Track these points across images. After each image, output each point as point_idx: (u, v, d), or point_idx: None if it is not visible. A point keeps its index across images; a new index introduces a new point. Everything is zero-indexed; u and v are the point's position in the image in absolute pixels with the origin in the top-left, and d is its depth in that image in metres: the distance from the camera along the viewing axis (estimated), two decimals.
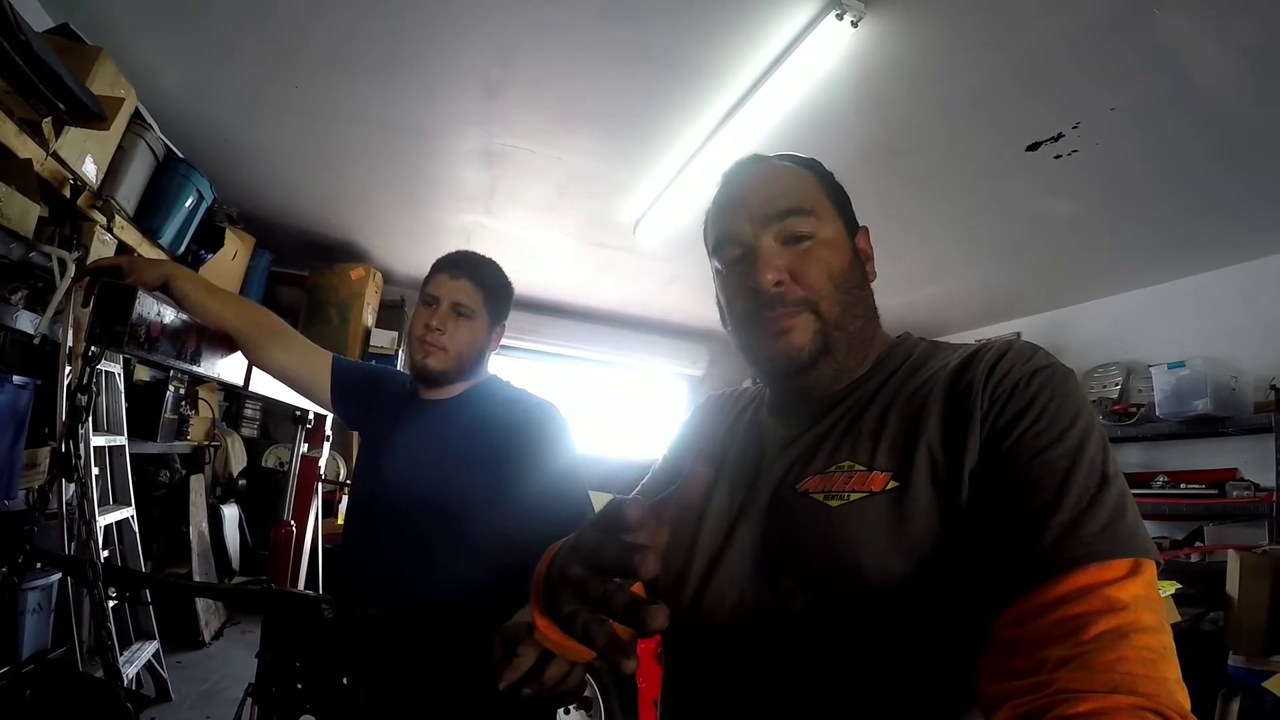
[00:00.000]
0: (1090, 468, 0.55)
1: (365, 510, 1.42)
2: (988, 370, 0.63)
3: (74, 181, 1.94)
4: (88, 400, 1.22)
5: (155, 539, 3.46)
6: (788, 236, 0.73)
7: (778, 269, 0.71)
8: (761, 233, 0.73)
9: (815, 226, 0.73)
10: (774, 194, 0.75)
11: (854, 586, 0.60)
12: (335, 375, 1.52)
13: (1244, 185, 2.65)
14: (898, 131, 2.51)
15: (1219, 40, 1.89)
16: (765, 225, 0.73)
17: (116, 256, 1.87)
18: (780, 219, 0.73)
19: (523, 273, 4.52)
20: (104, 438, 2.67)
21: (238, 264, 3.55)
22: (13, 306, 1.54)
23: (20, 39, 1.42)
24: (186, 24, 2.27)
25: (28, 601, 2.23)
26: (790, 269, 0.72)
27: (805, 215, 0.73)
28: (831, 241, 0.74)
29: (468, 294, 1.41)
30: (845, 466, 0.66)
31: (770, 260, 0.71)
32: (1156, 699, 0.44)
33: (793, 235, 0.73)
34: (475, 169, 3.15)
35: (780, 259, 0.72)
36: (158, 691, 2.86)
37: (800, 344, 0.71)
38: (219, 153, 3.11)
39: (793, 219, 0.73)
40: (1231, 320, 3.37)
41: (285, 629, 1.30)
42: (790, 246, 0.73)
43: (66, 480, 1.25)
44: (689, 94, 2.40)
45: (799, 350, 0.71)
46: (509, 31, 2.15)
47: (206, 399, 3.92)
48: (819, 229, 0.73)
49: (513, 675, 0.63)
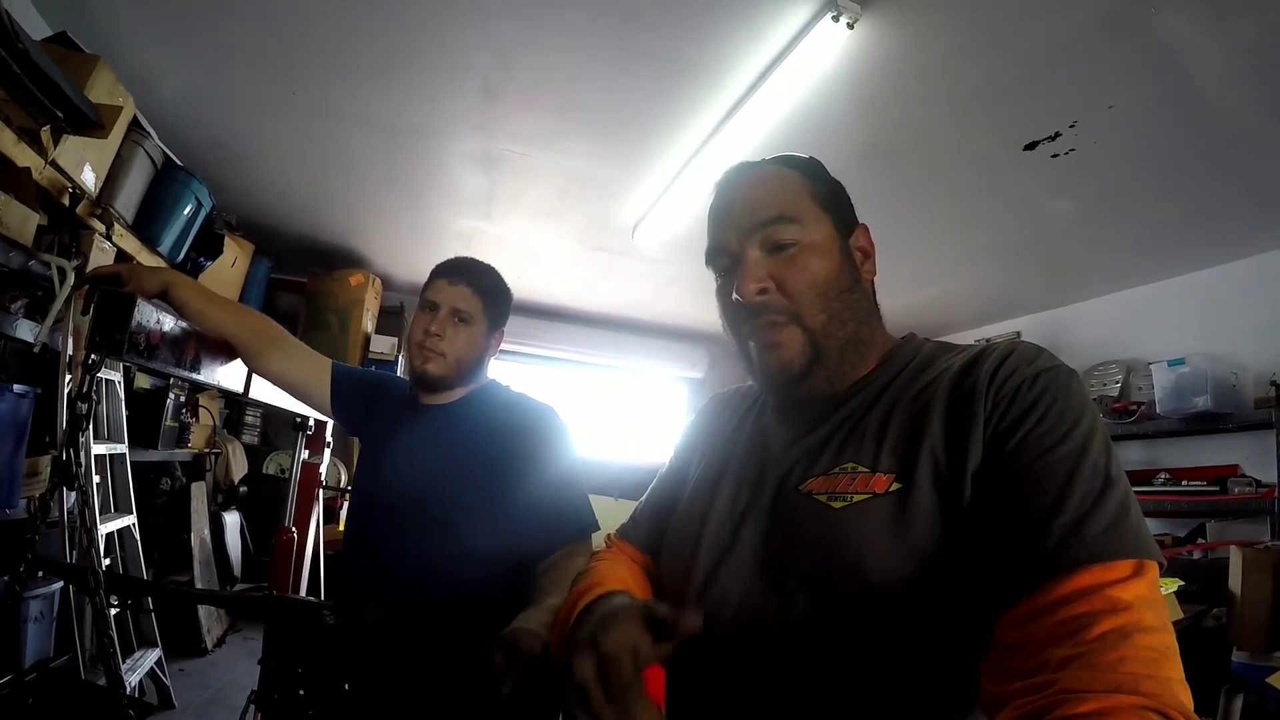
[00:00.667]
0: (1093, 469, 0.55)
1: (365, 515, 1.42)
2: (991, 372, 0.63)
3: (73, 190, 1.93)
4: (88, 408, 1.22)
5: (156, 547, 3.45)
6: (771, 245, 0.73)
7: (759, 279, 0.72)
8: (746, 242, 0.74)
9: (799, 233, 0.73)
10: (757, 202, 0.75)
11: (856, 587, 0.60)
12: (335, 381, 1.53)
13: (1242, 183, 2.65)
14: (895, 132, 2.51)
15: (1217, 39, 1.89)
16: (749, 235, 0.74)
17: (116, 264, 1.87)
18: (762, 227, 0.74)
19: (522, 277, 4.53)
20: (105, 446, 2.67)
21: (237, 271, 3.55)
22: (12, 315, 1.54)
23: (18, 47, 1.42)
24: (184, 32, 2.28)
25: (30, 610, 2.23)
26: (774, 277, 0.72)
27: (788, 222, 0.73)
28: (817, 246, 0.74)
29: (466, 299, 1.41)
30: (848, 468, 0.66)
31: (752, 271, 0.72)
32: (1159, 699, 0.44)
33: (776, 243, 0.73)
34: (474, 173, 3.15)
35: (762, 268, 0.72)
36: (160, 699, 2.86)
37: (790, 358, 0.72)
38: (217, 159, 3.11)
39: (775, 227, 0.73)
40: (1231, 317, 3.37)
41: (287, 635, 1.29)
42: (774, 255, 0.73)
43: (67, 488, 1.25)
44: (687, 97, 2.40)
45: (789, 364, 0.72)
46: (507, 35, 2.15)
47: (207, 406, 3.92)
48: (803, 235, 0.74)
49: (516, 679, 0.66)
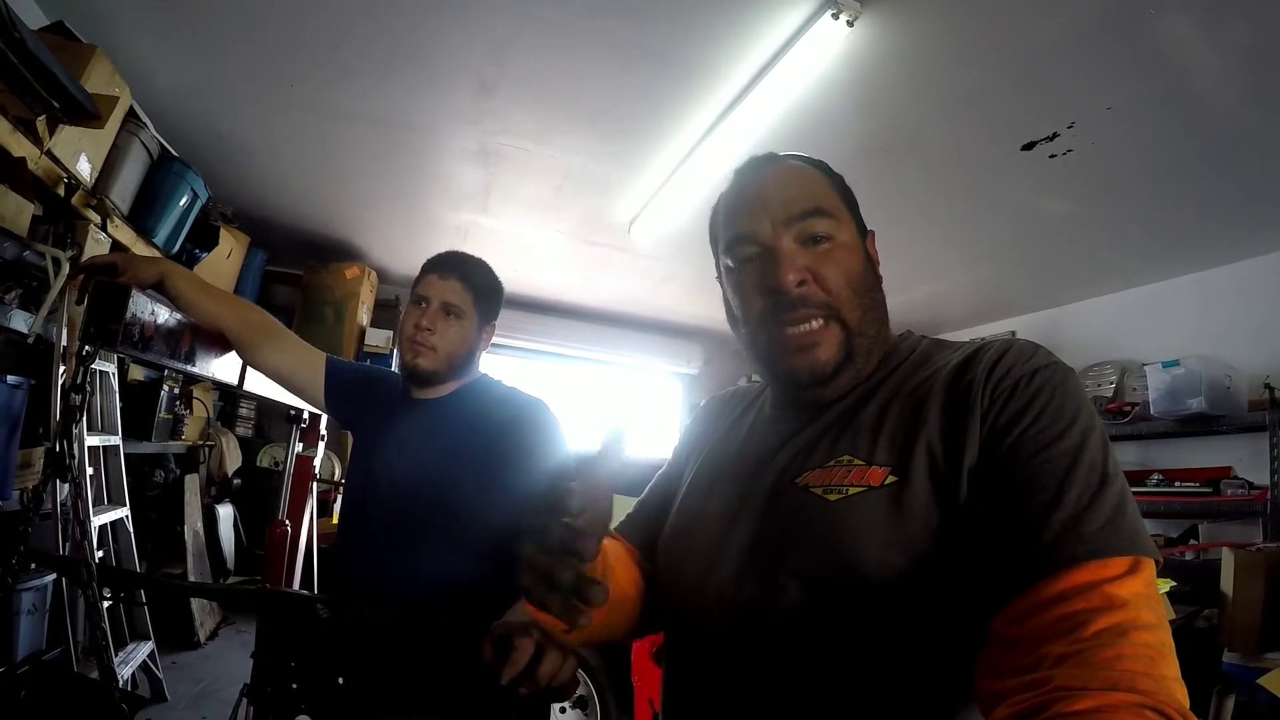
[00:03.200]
0: (1090, 466, 0.55)
1: (358, 509, 1.42)
2: (989, 368, 0.63)
3: (68, 180, 1.93)
4: (82, 400, 1.21)
5: (150, 539, 3.44)
6: (807, 238, 0.72)
7: (799, 270, 0.70)
8: (782, 232, 0.72)
9: (834, 229, 0.73)
10: (794, 194, 0.74)
11: (851, 581, 0.60)
12: (329, 375, 1.53)
13: (1238, 185, 2.66)
14: (893, 130, 2.51)
15: (1213, 40, 1.90)
16: (786, 225, 0.72)
17: (111, 255, 1.86)
18: (800, 219, 0.72)
19: (518, 271, 4.52)
20: (98, 437, 2.66)
21: (232, 263, 3.53)
22: (7, 305, 1.53)
23: (15, 36, 1.41)
24: (181, 22, 2.26)
25: (22, 602, 2.22)
26: (810, 270, 0.71)
27: (825, 217, 0.73)
28: (848, 245, 0.73)
29: (457, 294, 1.42)
30: (844, 461, 0.66)
31: (792, 260, 0.70)
32: (1155, 696, 0.44)
33: (812, 236, 0.72)
34: (470, 167, 3.14)
35: (801, 259, 0.71)
36: (153, 692, 2.85)
37: (827, 358, 0.71)
38: (213, 151, 3.09)
39: (813, 220, 0.72)
40: (1226, 319, 3.39)
41: (280, 629, 1.29)
42: (809, 248, 0.72)
43: (61, 480, 1.24)
44: (684, 93, 2.40)
45: (824, 365, 0.71)
46: (503, 29, 2.14)
47: (201, 398, 3.91)
48: (837, 231, 0.73)
49: (514, 670, 0.65)
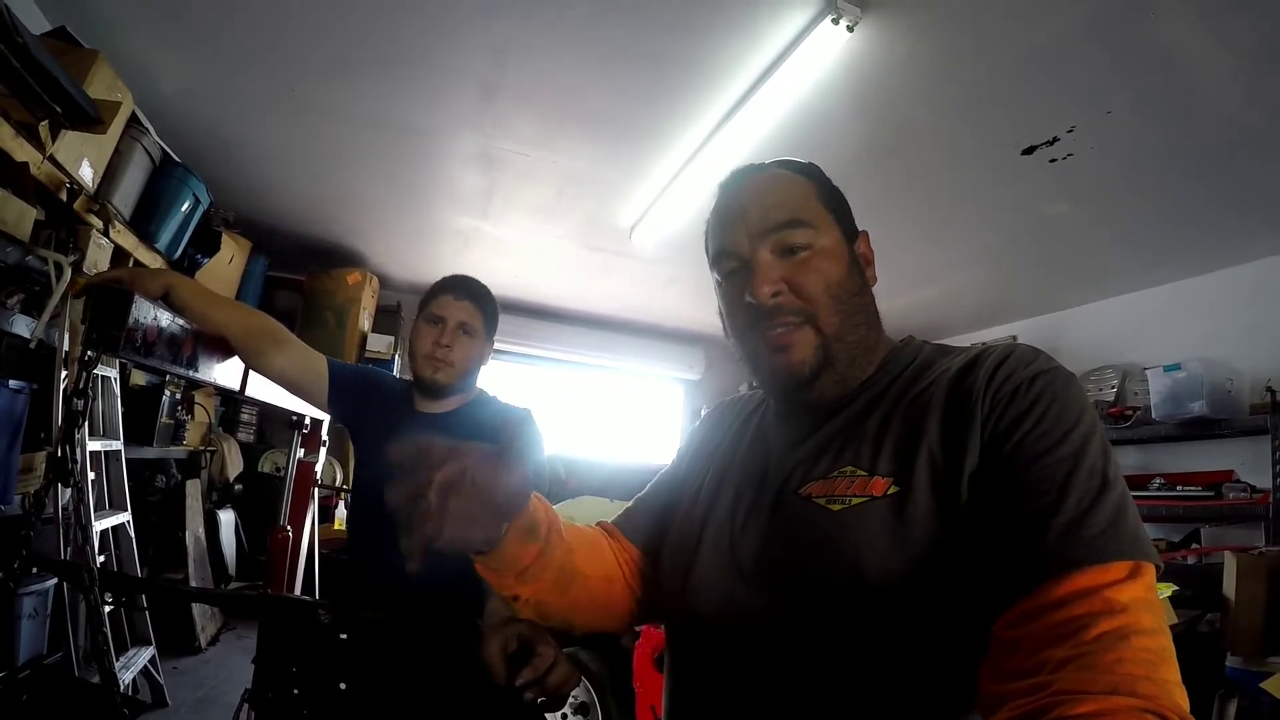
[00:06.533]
0: (1091, 471, 0.55)
1: (375, 502, 1.42)
2: (989, 374, 0.63)
3: (70, 185, 1.93)
4: (84, 405, 1.22)
5: (151, 544, 3.44)
6: (784, 248, 0.73)
7: (774, 281, 0.71)
8: (758, 245, 0.73)
9: (812, 237, 0.73)
10: (770, 205, 0.74)
11: (854, 590, 0.60)
12: (332, 378, 1.57)
13: (1239, 189, 2.66)
14: (894, 135, 2.52)
15: (1213, 42, 1.90)
16: (761, 238, 0.73)
17: (116, 269, 1.87)
18: (776, 231, 0.73)
19: (519, 277, 4.53)
20: (100, 443, 2.66)
21: (234, 268, 3.54)
22: (9, 310, 1.53)
23: (18, 42, 1.42)
24: (183, 28, 2.27)
25: (24, 607, 2.23)
26: (788, 280, 0.71)
27: (802, 226, 0.73)
28: (829, 250, 0.74)
29: (470, 313, 1.54)
30: (847, 471, 0.67)
31: (766, 273, 0.71)
32: (1156, 700, 0.44)
33: (789, 247, 0.73)
34: (472, 173, 3.15)
35: (776, 271, 0.72)
36: (154, 697, 2.84)
37: (801, 359, 0.71)
38: (215, 156, 3.10)
39: (788, 230, 0.73)
40: (1227, 323, 3.38)
41: (282, 634, 1.29)
42: (787, 258, 0.73)
43: (63, 485, 1.25)
44: (685, 98, 2.41)
45: (800, 366, 0.71)
46: (504, 34, 2.15)
47: (202, 404, 3.91)
48: (816, 239, 0.73)
49: (532, 674, 0.72)
